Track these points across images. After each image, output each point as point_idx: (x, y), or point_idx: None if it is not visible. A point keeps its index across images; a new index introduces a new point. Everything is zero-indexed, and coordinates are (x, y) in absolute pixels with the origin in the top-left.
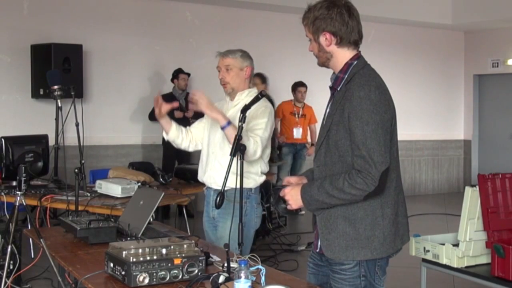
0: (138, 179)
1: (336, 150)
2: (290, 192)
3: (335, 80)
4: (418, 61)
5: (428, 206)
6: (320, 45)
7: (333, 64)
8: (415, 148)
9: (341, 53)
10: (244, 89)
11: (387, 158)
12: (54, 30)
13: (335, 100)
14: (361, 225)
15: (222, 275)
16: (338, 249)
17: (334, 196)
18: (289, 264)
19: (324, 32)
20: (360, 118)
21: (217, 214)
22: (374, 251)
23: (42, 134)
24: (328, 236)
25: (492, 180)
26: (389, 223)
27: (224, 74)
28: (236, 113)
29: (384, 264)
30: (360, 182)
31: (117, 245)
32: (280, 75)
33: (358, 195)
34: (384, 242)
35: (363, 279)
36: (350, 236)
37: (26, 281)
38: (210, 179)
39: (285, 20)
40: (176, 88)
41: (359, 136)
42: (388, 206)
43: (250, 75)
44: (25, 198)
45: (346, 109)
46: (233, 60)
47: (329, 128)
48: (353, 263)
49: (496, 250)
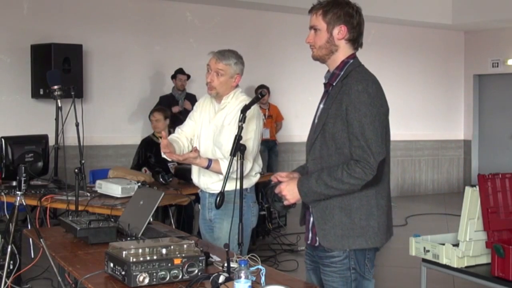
0: (138, 179)
1: (333, 143)
2: (286, 187)
3: (331, 76)
4: (418, 61)
5: (428, 206)
6: (331, 36)
7: (332, 59)
8: (415, 148)
9: (345, 49)
10: (229, 92)
11: (383, 149)
12: (54, 30)
13: (331, 95)
14: (356, 215)
15: (222, 275)
16: (334, 238)
17: (332, 186)
18: (289, 264)
19: (340, 25)
20: (359, 111)
21: (213, 215)
22: (369, 240)
23: (42, 134)
24: (324, 226)
25: (492, 180)
26: (383, 214)
27: (213, 77)
28: (223, 116)
29: (372, 257)
30: (359, 171)
31: (117, 245)
32: (280, 75)
33: (357, 185)
34: (379, 232)
35: (353, 271)
36: (346, 226)
37: (26, 281)
38: (204, 185)
39: (285, 20)
40: (175, 88)
41: (357, 127)
42: (382, 198)
43: (237, 83)
44: (25, 198)
45: (344, 103)
46: (226, 67)
47: (325, 122)
48: (343, 256)
49: (496, 250)
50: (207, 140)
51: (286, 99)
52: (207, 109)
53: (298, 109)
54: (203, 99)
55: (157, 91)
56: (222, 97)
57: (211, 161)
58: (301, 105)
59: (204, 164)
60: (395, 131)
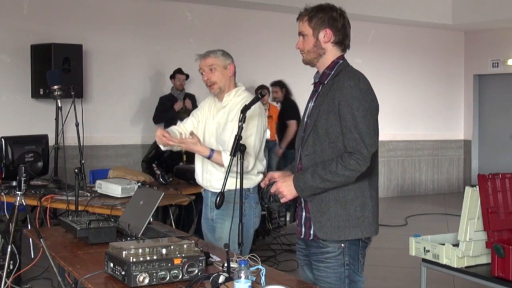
0: (138, 179)
1: (327, 137)
2: (282, 184)
3: (322, 76)
4: (418, 61)
5: (428, 206)
6: (317, 40)
7: (322, 62)
8: (415, 148)
9: (333, 52)
10: (231, 88)
11: (376, 141)
12: (54, 30)
13: (321, 93)
14: (351, 206)
15: (222, 275)
16: (331, 230)
17: (328, 180)
18: (289, 264)
19: (325, 29)
20: (351, 105)
21: (215, 215)
22: (364, 230)
23: (42, 134)
24: (320, 218)
25: (492, 180)
26: (375, 205)
27: (208, 75)
28: (226, 113)
29: (364, 252)
30: (353, 163)
31: (117, 245)
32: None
33: (351, 177)
34: (373, 221)
35: (347, 267)
36: (342, 217)
37: (26, 281)
38: (207, 183)
39: (284, 20)
40: (174, 88)
41: (350, 121)
42: (373, 189)
43: (234, 72)
44: (25, 198)
45: (336, 98)
46: (215, 59)
47: (317, 118)
48: (338, 251)
49: (496, 250)
50: (210, 138)
51: None
52: (210, 108)
53: None
54: (206, 100)
55: (157, 91)
56: (225, 92)
57: (213, 151)
58: (301, 105)
59: (206, 153)
60: (395, 131)
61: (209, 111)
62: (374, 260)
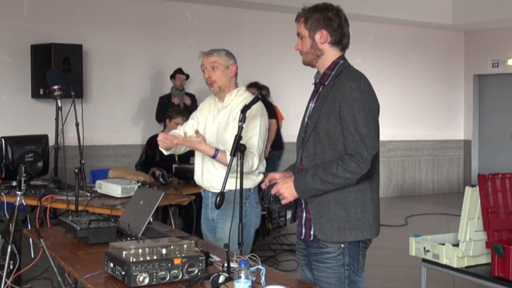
0: (138, 179)
1: (327, 139)
2: (282, 186)
3: (322, 76)
4: (418, 61)
5: (428, 206)
6: (314, 41)
7: (321, 62)
8: (415, 148)
9: (331, 52)
10: (232, 88)
11: (377, 143)
12: (54, 30)
13: (322, 94)
14: (352, 208)
15: (222, 275)
16: (331, 231)
17: (328, 181)
18: (289, 264)
19: (321, 30)
20: (352, 107)
21: (216, 215)
22: (364, 232)
23: (42, 134)
24: (321, 220)
25: (492, 180)
26: (376, 207)
27: (210, 72)
28: (227, 113)
29: (364, 253)
30: (354, 165)
31: (117, 245)
32: (280, 75)
33: (352, 179)
34: (373, 223)
35: (347, 268)
36: (342, 219)
37: (26, 281)
38: (207, 183)
39: (284, 20)
40: (174, 88)
41: (351, 123)
42: (374, 191)
43: (236, 73)
44: (25, 198)
45: (337, 100)
46: (218, 57)
47: (317, 120)
48: (338, 252)
49: (496, 250)
50: (211, 138)
51: (286, 99)
52: (210, 108)
53: (297, 109)
54: (206, 100)
55: (157, 91)
56: (225, 92)
57: (218, 151)
58: (301, 105)
59: (211, 152)
60: (395, 131)
61: (209, 111)
62: (374, 260)
